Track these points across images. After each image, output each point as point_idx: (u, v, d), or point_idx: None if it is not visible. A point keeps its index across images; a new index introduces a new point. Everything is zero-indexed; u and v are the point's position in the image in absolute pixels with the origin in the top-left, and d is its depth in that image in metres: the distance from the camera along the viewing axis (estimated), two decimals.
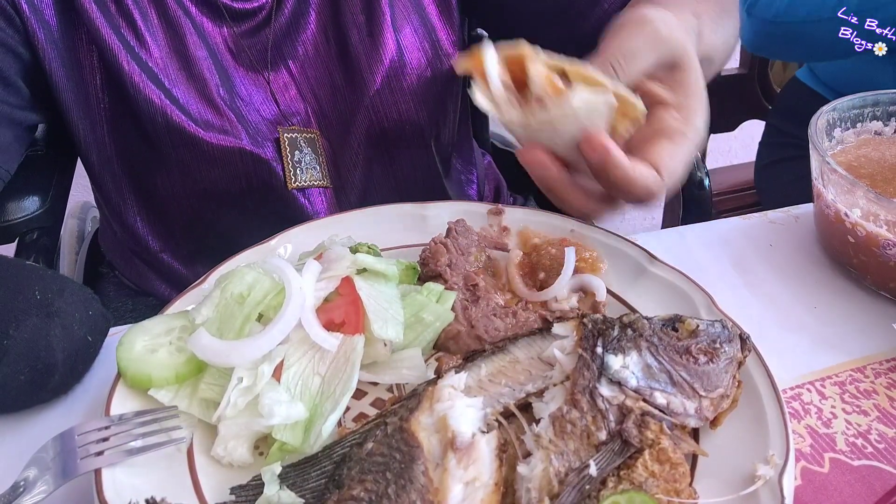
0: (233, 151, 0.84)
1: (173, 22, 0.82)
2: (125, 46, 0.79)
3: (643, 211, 0.71)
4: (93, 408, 0.61)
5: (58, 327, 0.58)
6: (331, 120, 0.90)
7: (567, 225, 0.76)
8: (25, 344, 0.55)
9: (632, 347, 0.53)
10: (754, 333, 0.58)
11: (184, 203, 0.90)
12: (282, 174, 0.87)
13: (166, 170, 0.86)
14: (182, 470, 0.53)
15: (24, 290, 0.57)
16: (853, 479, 0.56)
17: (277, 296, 0.59)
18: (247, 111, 0.86)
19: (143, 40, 0.81)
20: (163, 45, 0.82)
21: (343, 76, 0.89)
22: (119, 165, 0.88)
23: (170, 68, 0.82)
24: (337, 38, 0.88)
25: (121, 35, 0.80)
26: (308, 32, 0.88)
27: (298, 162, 0.88)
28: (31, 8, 0.76)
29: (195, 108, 0.83)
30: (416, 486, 0.46)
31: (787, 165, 1.52)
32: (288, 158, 0.87)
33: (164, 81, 0.81)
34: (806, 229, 0.86)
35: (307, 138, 0.89)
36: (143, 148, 0.85)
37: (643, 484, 0.48)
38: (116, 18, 0.80)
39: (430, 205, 0.78)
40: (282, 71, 0.88)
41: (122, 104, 0.81)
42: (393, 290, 0.64)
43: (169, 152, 0.83)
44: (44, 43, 0.78)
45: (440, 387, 0.53)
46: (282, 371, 0.56)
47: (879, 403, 0.63)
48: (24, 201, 0.92)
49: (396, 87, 0.89)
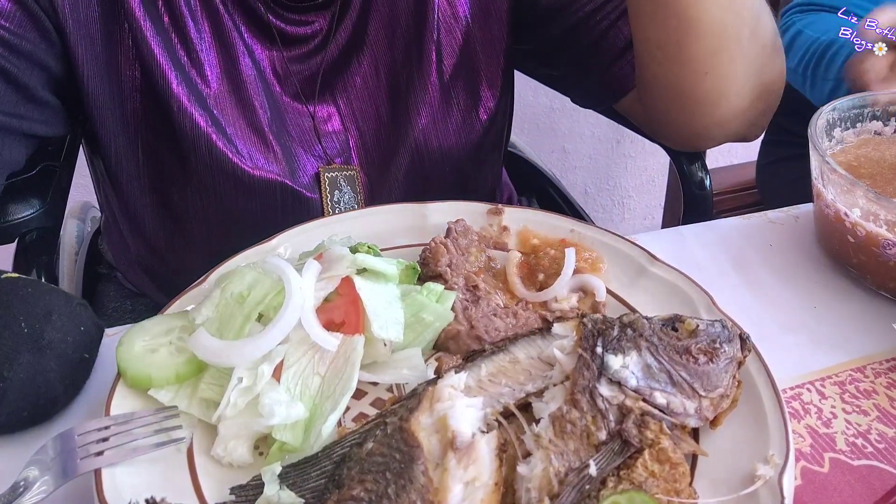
0: (274, 185, 0.81)
1: (226, 41, 0.79)
2: (175, 65, 0.77)
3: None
4: (93, 408, 0.61)
5: (52, 360, 0.56)
6: (373, 156, 0.89)
7: (567, 225, 0.76)
8: (22, 384, 0.54)
9: (632, 347, 0.53)
10: (754, 333, 0.57)
11: (206, 226, 0.87)
12: (319, 212, 0.85)
13: (200, 194, 0.84)
14: (182, 470, 0.53)
15: (10, 324, 0.55)
16: (853, 479, 0.56)
17: (277, 296, 0.59)
18: (291, 143, 0.84)
19: (196, 59, 0.78)
20: (214, 65, 0.79)
21: (389, 112, 0.87)
22: (148, 183, 0.85)
23: (221, 92, 0.79)
24: (388, 74, 0.87)
25: (172, 52, 0.77)
26: (362, 65, 0.86)
27: (337, 202, 0.86)
28: (77, 23, 0.73)
29: (241, 136, 0.80)
30: (416, 486, 0.46)
31: (789, 164, 1.52)
32: (327, 199, 0.85)
33: (213, 106, 0.79)
34: (806, 229, 0.86)
35: (347, 176, 0.87)
36: (177, 170, 0.82)
37: (643, 484, 0.48)
38: (169, 32, 0.77)
39: (430, 205, 0.78)
40: (328, 101, 0.86)
41: (163, 125, 0.79)
42: (393, 290, 0.64)
43: (206, 179, 0.81)
44: (83, 57, 0.75)
45: (440, 387, 0.53)
46: (282, 371, 0.56)
47: (879, 403, 0.63)
48: (24, 201, 0.92)
49: (440, 126, 0.87)
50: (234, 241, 0.87)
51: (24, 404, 0.55)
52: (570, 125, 2.26)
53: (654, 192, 2.55)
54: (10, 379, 0.53)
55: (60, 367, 0.57)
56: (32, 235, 0.93)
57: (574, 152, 2.35)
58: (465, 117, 0.89)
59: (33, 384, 0.55)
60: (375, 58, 0.86)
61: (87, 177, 0.97)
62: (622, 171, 2.47)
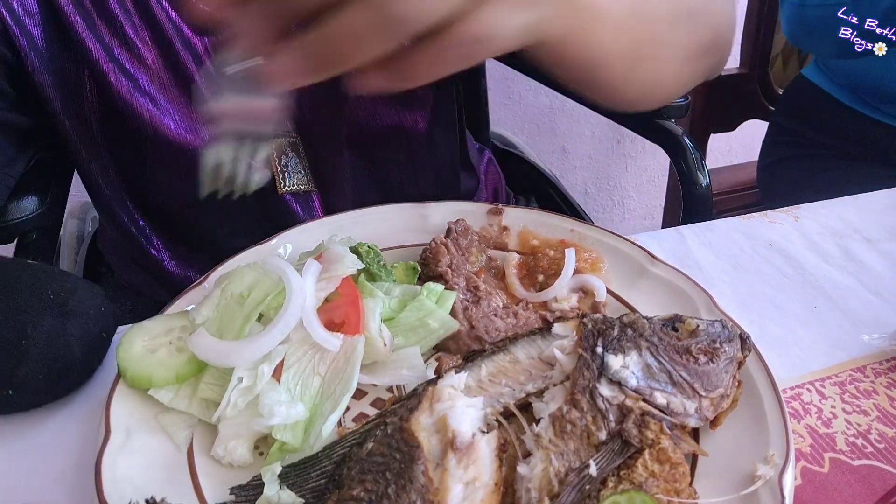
0: None
1: (159, 27, 0.80)
2: (111, 57, 0.78)
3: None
4: (93, 408, 0.61)
5: (74, 325, 0.58)
6: (311, 124, 0.89)
7: (567, 225, 0.76)
8: (44, 343, 0.56)
9: (632, 347, 0.53)
10: (754, 333, 0.57)
11: (179, 210, 0.89)
12: (271, 179, 0.86)
13: (158, 178, 0.85)
14: (182, 470, 0.53)
15: (37, 290, 0.57)
16: (853, 479, 0.56)
17: (278, 296, 0.59)
18: None
19: (132, 45, 0.79)
20: (153, 49, 0.80)
21: (323, 81, 0.88)
22: (114, 173, 0.87)
23: (160, 69, 0.80)
24: None
25: (104, 43, 0.78)
26: None
27: (286, 166, 0.87)
28: (13, 17, 0.74)
29: (186, 112, 0.81)
30: (416, 486, 0.46)
31: (791, 164, 1.52)
32: (276, 162, 0.86)
33: (154, 86, 0.80)
34: (806, 229, 0.86)
35: (290, 142, 0.88)
36: (135, 156, 0.84)
37: (643, 484, 0.48)
38: (101, 27, 0.78)
39: (430, 205, 0.78)
40: None
41: (112, 114, 0.80)
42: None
43: (160, 159, 0.82)
44: (27, 50, 0.76)
45: (440, 387, 0.53)
46: (282, 371, 0.56)
47: (879, 403, 0.63)
48: (24, 201, 0.92)
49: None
50: (203, 222, 0.88)
51: (42, 366, 0.56)
52: (569, 125, 2.27)
53: (654, 192, 2.55)
54: (32, 338, 0.55)
55: (80, 334, 0.59)
56: (32, 235, 0.93)
57: (574, 152, 2.35)
58: None
59: (54, 346, 0.56)
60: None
61: None
62: (622, 171, 2.47)
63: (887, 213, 0.91)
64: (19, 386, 0.56)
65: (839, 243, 0.85)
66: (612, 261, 0.72)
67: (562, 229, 0.76)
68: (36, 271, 0.60)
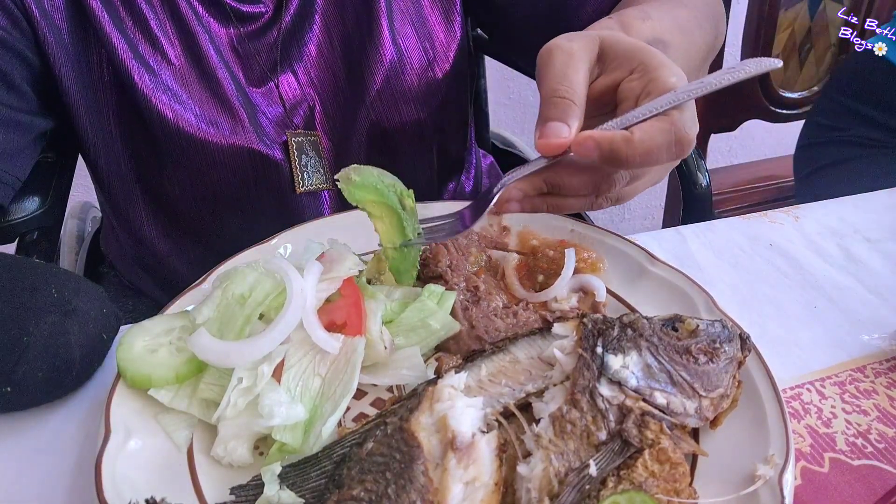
0: (242, 151, 0.83)
1: (184, 21, 0.81)
2: (135, 54, 0.79)
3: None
4: (93, 407, 0.61)
5: (75, 325, 0.58)
6: (334, 122, 0.90)
7: (567, 225, 0.76)
8: (45, 341, 0.56)
9: (632, 347, 0.53)
10: (754, 333, 0.57)
11: (193, 207, 0.89)
12: (290, 178, 0.87)
13: (175, 173, 0.86)
14: (182, 470, 0.53)
15: (41, 288, 0.58)
16: (853, 479, 0.56)
17: (279, 296, 0.59)
18: (257, 113, 0.86)
19: (157, 41, 0.80)
20: (177, 44, 0.82)
21: (346, 78, 0.89)
22: (128, 169, 0.88)
23: (184, 67, 0.81)
24: (341, 41, 0.88)
25: (129, 39, 0.79)
26: (312, 34, 0.88)
27: (305, 166, 0.88)
28: (42, 12, 0.75)
29: (208, 108, 0.82)
30: (416, 486, 0.46)
31: (830, 149, 1.45)
32: (296, 162, 0.87)
33: (178, 82, 0.81)
34: (806, 229, 0.86)
35: (311, 141, 0.89)
36: (151, 151, 0.84)
37: (643, 484, 0.48)
38: (126, 21, 0.79)
39: (430, 205, 0.78)
40: (287, 73, 0.88)
41: (132, 109, 0.81)
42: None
43: (177, 155, 0.83)
44: (54, 47, 0.77)
45: (440, 387, 0.53)
46: (282, 372, 0.56)
47: (879, 403, 0.63)
48: (24, 201, 0.92)
49: (397, 87, 0.89)
50: (217, 221, 0.89)
51: (42, 363, 0.56)
52: None
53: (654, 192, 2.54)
54: (34, 335, 0.55)
55: (81, 334, 0.59)
56: (32, 235, 0.93)
57: None
58: (421, 76, 0.90)
59: (54, 344, 0.57)
60: (327, 25, 0.88)
61: (87, 177, 0.97)
62: None
63: (887, 212, 0.91)
64: (18, 384, 0.56)
65: (839, 243, 0.85)
66: (612, 261, 0.72)
67: (562, 229, 0.76)
68: (41, 270, 0.60)
